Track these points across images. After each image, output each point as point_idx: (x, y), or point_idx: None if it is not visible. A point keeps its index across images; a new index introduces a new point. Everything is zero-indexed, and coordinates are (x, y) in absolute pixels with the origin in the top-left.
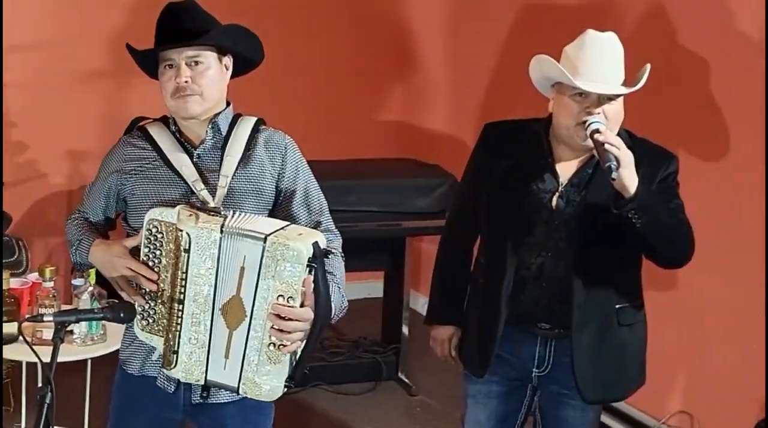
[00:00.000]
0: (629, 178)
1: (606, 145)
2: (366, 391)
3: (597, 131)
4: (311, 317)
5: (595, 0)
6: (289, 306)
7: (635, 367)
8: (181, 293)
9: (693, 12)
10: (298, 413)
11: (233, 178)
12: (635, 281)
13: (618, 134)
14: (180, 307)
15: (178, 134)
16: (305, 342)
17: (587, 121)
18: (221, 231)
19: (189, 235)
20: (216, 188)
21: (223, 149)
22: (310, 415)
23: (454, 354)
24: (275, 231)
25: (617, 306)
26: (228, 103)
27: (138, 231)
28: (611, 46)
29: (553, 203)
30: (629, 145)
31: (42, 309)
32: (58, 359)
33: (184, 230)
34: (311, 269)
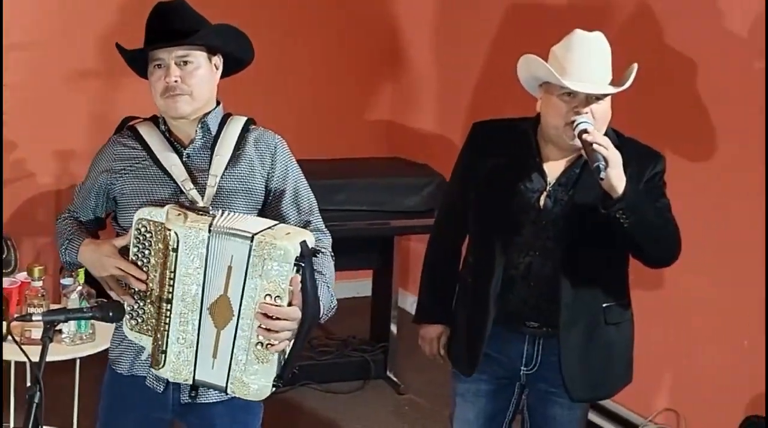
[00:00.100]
0: (617, 178)
1: (594, 145)
2: (354, 390)
3: (585, 131)
4: (299, 316)
5: (583, 0)
6: (277, 305)
7: (622, 366)
8: (170, 292)
9: (680, 12)
10: (286, 412)
11: (222, 177)
12: (622, 280)
13: (605, 134)
14: (168, 307)
15: (167, 134)
16: (293, 341)
17: (575, 121)
18: (209, 231)
19: (177, 235)
20: (205, 188)
21: (213, 149)
22: (298, 414)
23: (442, 352)
24: (263, 231)
25: (604, 305)
26: (218, 103)
27: (127, 231)
28: (599, 45)
29: (541, 202)
30: (617, 145)
31: (31, 309)
32: (46, 358)
33: (172, 229)
34: (299, 268)
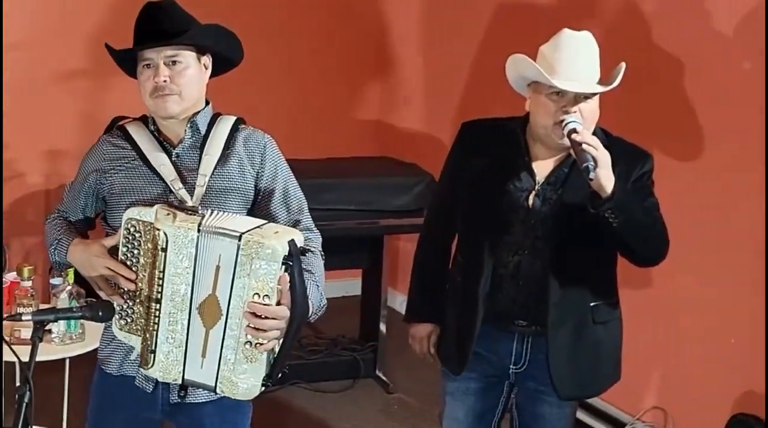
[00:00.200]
0: (606, 177)
1: (583, 145)
2: (344, 389)
3: (574, 131)
4: (287, 315)
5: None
6: (265, 304)
7: (610, 364)
8: (159, 292)
9: (668, 12)
10: (276, 411)
11: (212, 177)
12: (611, 279)
13: (594, 133)
14: (157, 306)
15: (156, 133)
16: (282, 340)
17: (564, 121)
18: (198, 231)
19: (166, 234)
20: (194, 187)
21: (202, 148)
22: (288, 413)
23: (432, 351)
24: (251, 230)
25: (593, 304)
26: (207, 102)
27: (116, 231)
28: (587, 45)
29: (530, 202)
30: (605, 144)
31: (20, 309)
32: (36, 358)
33: (161, 229)
34: (287, 267)
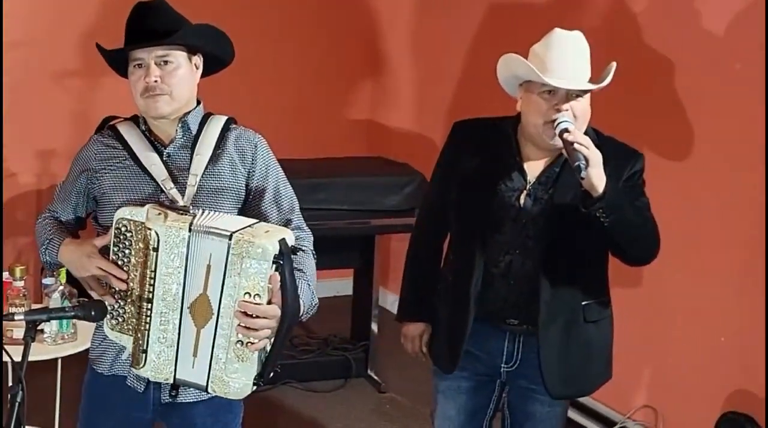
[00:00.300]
0: (598, 177)
1: (575, 145)
2: (336, 389)
3: (566, 130)
4: (278, 314)
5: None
6: (256, 303)
7: (601, 363)
8: (150, 292)
9: (659, 12)
10: (267, 410)
11: (203, 176)
12: (602, 278)
13: (585, 132)
14: (149, 306)
15: (147, 133)
16: (274, 339)
17: (556, 120)
18: (189, 230)
19: (157, 234)
20: (185, 187)
21: (193, 148)
22: (279, 412)
23: (424, 350)
24: (242, 229)
25: (584, 303)
26: (198, 102)
27: (107, 230)
28: (578, 44)
29: (521, 201)
30: (596, 143)
31: (12, 309)
32: (29, 358)
33: (152, 229)
34: (278, 266)
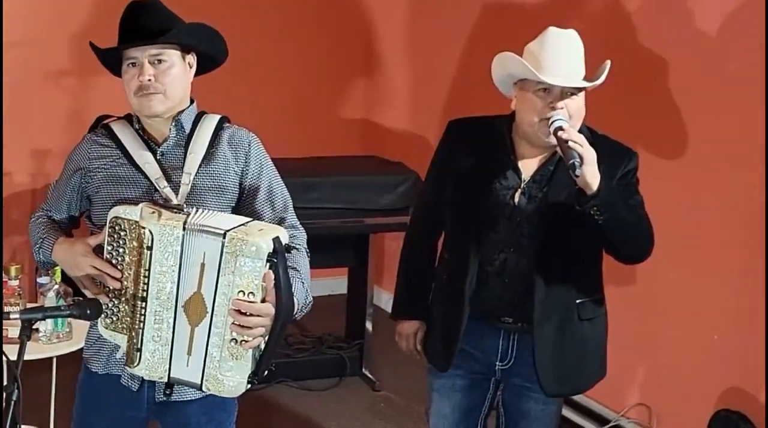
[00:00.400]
0: (592, 175)
1: (570, 143)
2: (330, 387)
3: (560, 128)
4: (272, 312)
5: None
6: (250, 301)
7: (596, 361)
8: (144, 290)
9: (653, 11)
10: (262, 409)
11: (196, 175)
12: (596, 276)
13: (579, 130)
14: (143, 305)
15: (141, 132)
16: (268, 337)
17: (551, 118)
18: (183, 228)
19: (151, 233)
20: (179, 185)
21: (187, 147)
22: (274, 411)
23: (419, 348)
24: (235, 227)
25: (578, 301)
26: (192, 101)
27: (101, 229)
28: (572, 42)
29: (516, 200)
30: (590, 141)
31: (7, 308)
32: (24, 357)
33: (146, 227)
34: (272, 264)
